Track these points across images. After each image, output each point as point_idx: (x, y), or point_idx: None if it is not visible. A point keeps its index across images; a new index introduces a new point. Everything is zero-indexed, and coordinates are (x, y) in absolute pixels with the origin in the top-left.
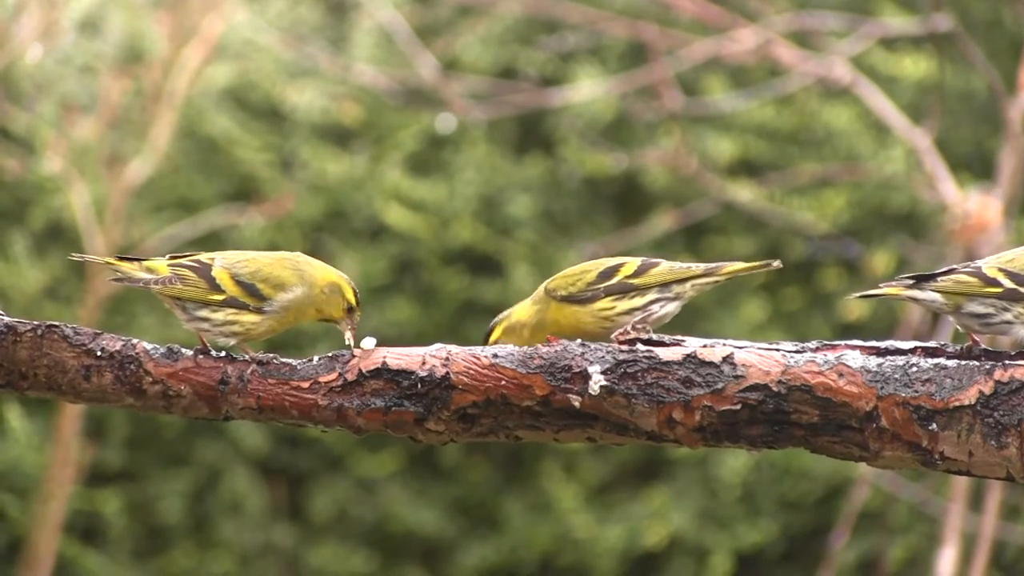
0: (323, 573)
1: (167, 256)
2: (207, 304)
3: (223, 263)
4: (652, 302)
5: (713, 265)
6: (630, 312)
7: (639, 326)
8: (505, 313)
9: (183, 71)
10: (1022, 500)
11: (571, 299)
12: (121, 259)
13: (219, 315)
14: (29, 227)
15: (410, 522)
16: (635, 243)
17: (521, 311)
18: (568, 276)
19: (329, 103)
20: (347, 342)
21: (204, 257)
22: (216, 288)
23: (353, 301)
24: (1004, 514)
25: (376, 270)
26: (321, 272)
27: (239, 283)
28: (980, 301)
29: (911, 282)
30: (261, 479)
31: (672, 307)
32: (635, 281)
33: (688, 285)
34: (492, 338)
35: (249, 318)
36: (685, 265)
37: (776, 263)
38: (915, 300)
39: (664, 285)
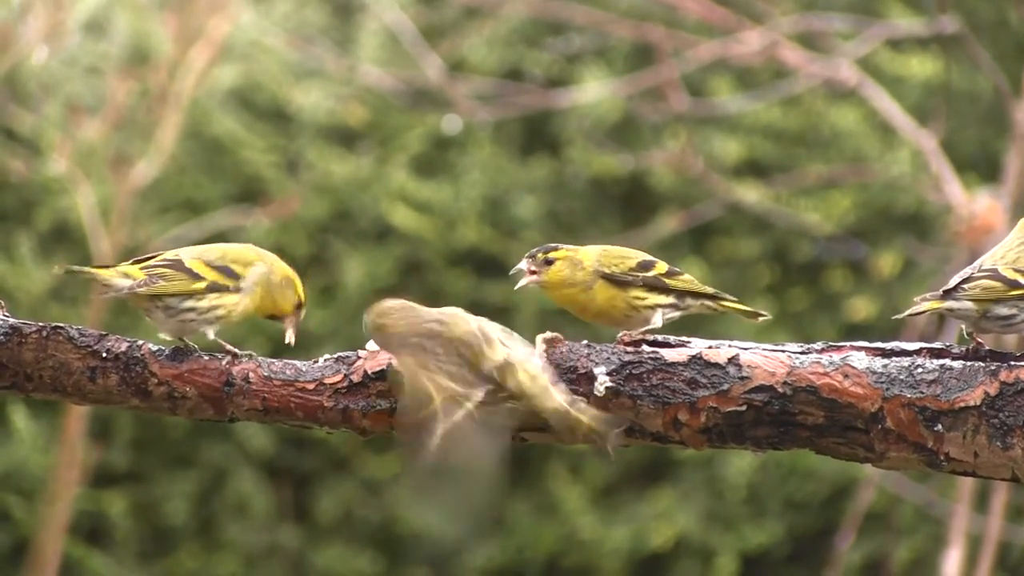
0: (329, 574)
1: (130, 261)
2: (191, 295)
3: (191, 254)
4: (668, 306)
5: (718, 293)
6: (654, 308)
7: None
8: (570, 247)
9: (189, 72)
10: None
11: (612, 278)
12: (98, 267)
13: (204, 303)
14: (35, 228)
15: (416, 523)
16: (641, 244)
17: (587, 256)
18: (613, 256)
19: (335, 104)
20: (288, 340)
21: (169, 255)
22: (196, 277)
23: (303, 297)
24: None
25: (382, 271)
26: (279, 263)
27: (213, 267)
28: (1005, 303)
29: (940, 295)
30: (267, 480)
31: (674, 316)
32: (668, 281)
33: (699, 303)
34: (554, 254)
35: (230, 299)
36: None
37: (765, 316)
38: (951, 312)
39: (682, 294)
